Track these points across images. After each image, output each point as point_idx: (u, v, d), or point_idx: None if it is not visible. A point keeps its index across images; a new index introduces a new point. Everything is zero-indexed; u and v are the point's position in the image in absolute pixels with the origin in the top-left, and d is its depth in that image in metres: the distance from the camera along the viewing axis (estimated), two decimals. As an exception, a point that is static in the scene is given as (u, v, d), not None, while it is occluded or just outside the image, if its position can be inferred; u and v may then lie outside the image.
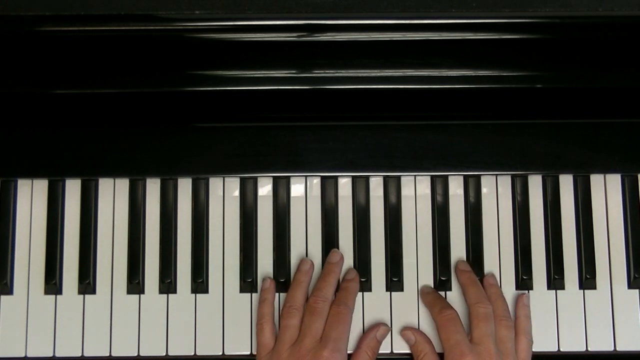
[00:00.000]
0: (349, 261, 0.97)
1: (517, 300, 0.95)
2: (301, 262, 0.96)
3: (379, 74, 0.94)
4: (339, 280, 0.96)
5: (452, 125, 0.97)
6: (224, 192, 0.99)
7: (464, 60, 0.94)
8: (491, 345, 0.89)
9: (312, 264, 0.96)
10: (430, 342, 0.94)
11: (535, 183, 0.99)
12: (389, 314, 0.96)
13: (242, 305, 0.96)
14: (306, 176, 0.99)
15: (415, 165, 0.97)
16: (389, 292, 0.97)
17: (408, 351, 0.95)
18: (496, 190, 0.99)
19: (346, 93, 0.95)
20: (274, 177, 0.98)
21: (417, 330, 0.95)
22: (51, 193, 0.98)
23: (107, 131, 0.97)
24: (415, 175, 0.99)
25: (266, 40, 0.91)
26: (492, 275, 0.96)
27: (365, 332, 0.94)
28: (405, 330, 0.94)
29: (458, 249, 0.97)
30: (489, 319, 0.91)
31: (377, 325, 0.94)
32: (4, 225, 0.97)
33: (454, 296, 0.96)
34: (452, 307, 0.92)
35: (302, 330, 0.91)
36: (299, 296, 0.94)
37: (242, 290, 0.97)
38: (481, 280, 0.96)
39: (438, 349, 0.94)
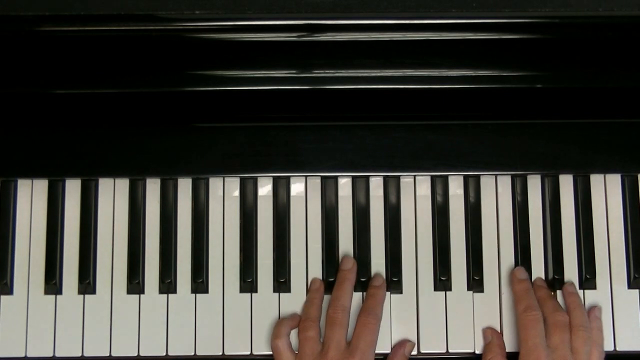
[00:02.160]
0: (349, 261, 0.97)
1: (589, 312, 0.95)
2: (312, 282, 0.96)
3: (379, 74, 0.94)
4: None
5: (452, 125, 0.97)
6: (224, 192, 0.99)
7: (464, 60, 0.94)
8: (567, 354, 0.89)
9: (322, 283, 0.96)
10: (504, 348, 0.94)
11: (535, 183, 0.99)
12: (389, 314, 0.96)
13: (242, 305, 0.96)
14: (306, 176, 0.99)
15: (415, 165, 0.97)
16: (388, 292, 0.96)
17: (414, 351, 0.95)
18: (496, 190, 0.99)
19: (346, 93, 0.95)
20: (274, 177, 0.98)
21: (496, 332, 0.95)
22: (51, 193, 0.98)
23: (107, 131, 0.97)
24: (415, 176, 0.99)
25: (266, 40, 0.91)
26: (572, 284, 0.96)
27: (393, 348, 0.94)
28: (487, 328, 0.95)
29: (458, 249, 0.97)
30: (566, 329, 0.91)
31: (404, 341, 0.95)
32: (4, 225, 0.97)
33: (454, 296, 0.96)
34: (538, 307, 0.92)
35: (325, 342, 0.91)
36: (314, 311, 0.94)
37: (242, 290, 0.97)
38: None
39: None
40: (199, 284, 0.96)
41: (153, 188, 0.98)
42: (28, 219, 0.98)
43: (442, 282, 0.96)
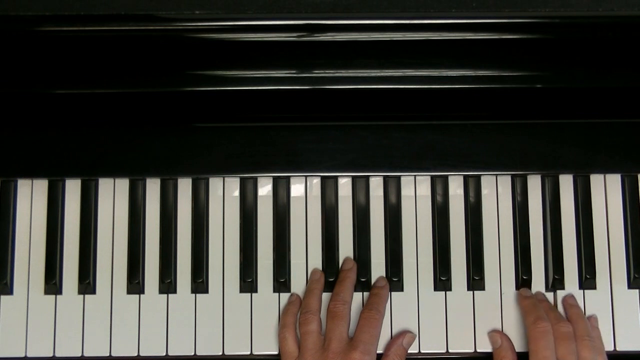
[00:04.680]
0: (349, 261, 0.97)
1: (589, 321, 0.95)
2: (312, 272, 0.97)
3: (379, 74, 0.94)
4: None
5: (452, 125, 0.97)
6: (224, 192, 0.99)
7: (464, 60, 0.94)
8: None
9: (323, 273, 0.96)
10: (514, 350, 0.94)
11: (535, 183, 0.99)
12: (389, 314, 0.96)
13: (242, 305, 0.96)
14: (306, 176, 0.99)
15: (415, 165, 0.97)
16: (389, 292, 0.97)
17: (414, 350, 0.95)
18: (496, 190, 0.99)
19: (346, 93, 0.95)
20: (274, 177, 0.98)
21: (504, 335, 0.95)
22: (51, 193, 0.98)
23: (107, 131, 0.97)
24: (415, 176, 0.99)
25: (266, 40, 0.91)
26: (572, 296, 0.96)
27: (392, 339, 0.95)
28: (493, 332, 0.95)
29: (458, 249, 0.97)
30: (571, 339, 0.91)
31: (403, 332, 0.95)
32: (4, 225, 0.97)
33: (454, 296, 0.96)
34: (547, 319, 0.92)
35: (327, 334, 0.91)
36: (314, 302, 0.94)
37: (242, 290, 0.97)
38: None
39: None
40: (199, 284, 0.96)
41: (153, 188, 0.98)
42: (28, 219, 0.98)
43: (442, 282, 0.96)
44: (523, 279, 0.96)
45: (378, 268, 0.97)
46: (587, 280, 0.96)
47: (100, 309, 0.96)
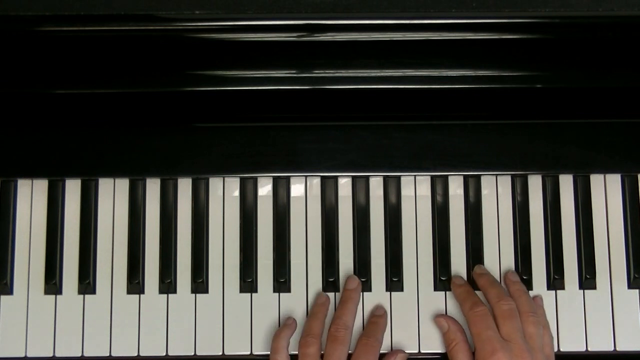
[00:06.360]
0: (349, 261, 0.97)
1: (533, 300, 0.95)
2: (317, 296, 0.96)
3: (379, 74, 0.94)
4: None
5: (452, 125, 0.97)
6: (224, 192, 0.99)
7: (464, 60, 0.94)
8: (521, 341, 0.89)
9: (328, 298, 0.96)
10: (463, 331, 0.94)
11: (535, 183, 0.99)
12: (389, 314, 0.96)
13: (242, 305, 0.96)
14: (306, 176, 0.99)
15: (415, 165, 0.97)
16: (389, 292, 0.97)
17: (413, 350, 0.95)
18: (496, 190, 0.99)
19: (346, 93, 0.95)
20: (274, 177, 0.98)
21: (450, 319, 0.95)
22: (51, 193, 0.98)
23: (107, 131, 0.97)
24: (415, 176, 0.99)
25: (266, 40, 0.91)
26: (514, 272, 0.96)
27: (384, 357, 0.94)
28: (439, 317, 0.95)
29: (458, 249, 0.97)
30: (514, 315, 0.91)
31: (395, 351, 0.94)
32: (4, 225, 0.97)
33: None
34: (483, 303, 0.92)
35: (325, 358, 0.91)
36: (316, 326, 0.93)
37: (242, 290, 0.97)
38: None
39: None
40: (199, 284, 0.96)
41: (153, 188, 0.98)
42: (28, 219, 0.98)
43: (442, 282, 0.96)
44: (523, 279, 0.96)
45: (378, 268, 0.97)
46: (587, 280, 0.96)
47: (100, 309, 0.96)
